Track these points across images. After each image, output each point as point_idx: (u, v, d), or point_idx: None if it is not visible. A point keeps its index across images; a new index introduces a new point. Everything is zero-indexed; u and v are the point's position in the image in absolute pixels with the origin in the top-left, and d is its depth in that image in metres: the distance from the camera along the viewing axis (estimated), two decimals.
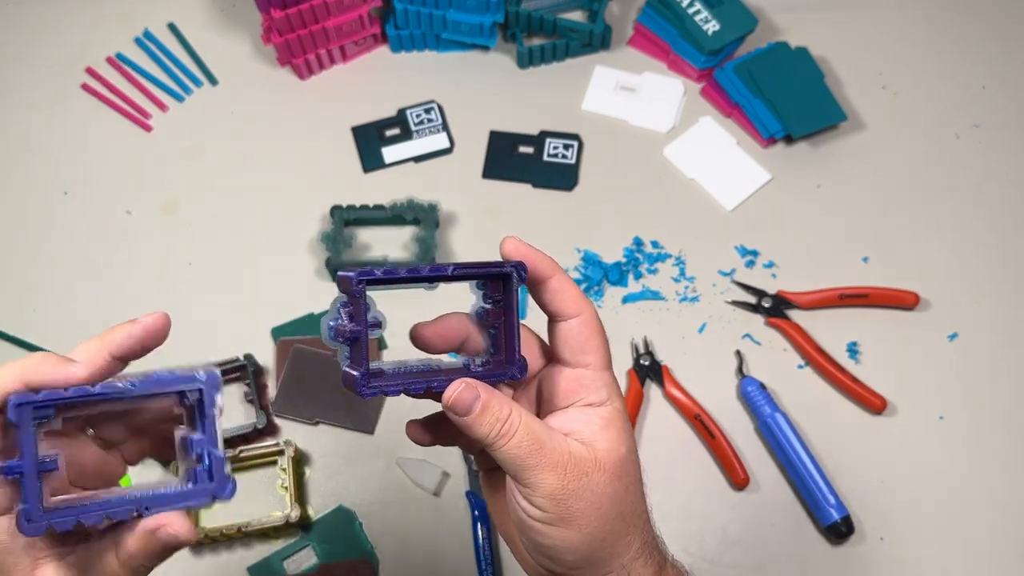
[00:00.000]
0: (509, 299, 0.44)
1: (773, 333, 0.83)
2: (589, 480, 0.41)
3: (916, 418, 0.79)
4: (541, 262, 0.45)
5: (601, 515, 0.42)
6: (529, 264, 0.44)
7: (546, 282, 0.45)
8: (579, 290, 0.45)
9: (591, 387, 0.44)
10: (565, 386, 0.44)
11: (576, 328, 0.44)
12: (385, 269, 0.41)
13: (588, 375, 0.44)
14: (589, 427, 0.43)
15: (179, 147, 0.94)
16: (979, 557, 0.74)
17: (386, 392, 0.42)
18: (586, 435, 0.43)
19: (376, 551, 0.75)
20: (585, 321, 0.44)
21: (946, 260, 0.86)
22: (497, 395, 0.42)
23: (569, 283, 0.45)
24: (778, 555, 0.74)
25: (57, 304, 0.86)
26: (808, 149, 0.92)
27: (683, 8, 0.93)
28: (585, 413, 0.44)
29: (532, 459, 0.41)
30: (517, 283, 0.44)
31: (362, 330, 0.41)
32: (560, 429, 0.43)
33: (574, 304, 0.45)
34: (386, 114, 0.94)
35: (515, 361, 0.43)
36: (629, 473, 0.44)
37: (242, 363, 0.80)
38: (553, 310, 0.45)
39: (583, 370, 0.44)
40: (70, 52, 0.99)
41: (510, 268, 0.43)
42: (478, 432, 0.41)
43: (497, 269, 0.44)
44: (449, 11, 0.92)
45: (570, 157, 0.91)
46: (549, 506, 0.41)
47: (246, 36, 0.99)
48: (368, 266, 0.40)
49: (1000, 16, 0.99)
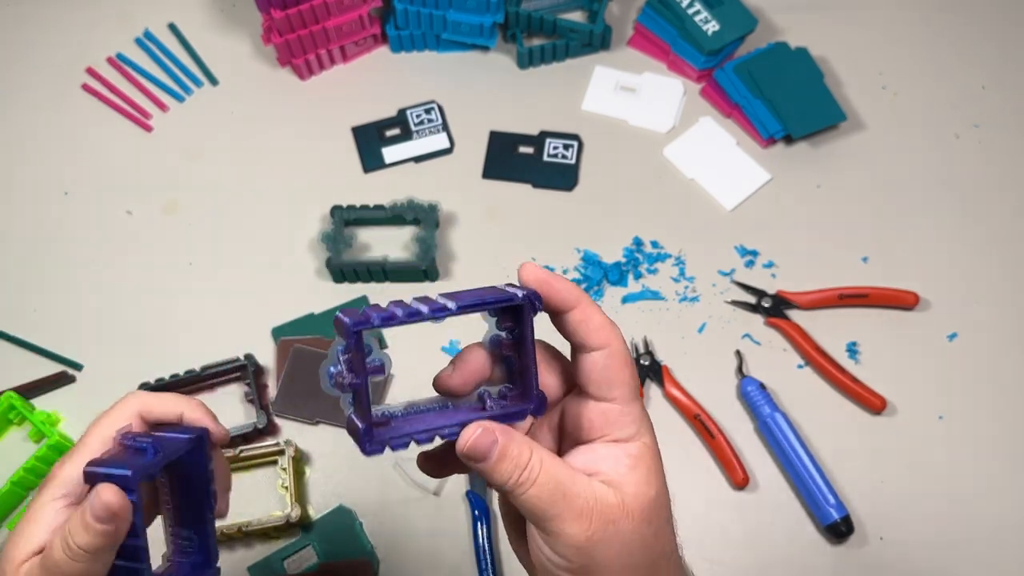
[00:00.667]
0: (524, 330, 0.41)
1: (773, 333, 0.83)
2: (616, 528, 0.39)
3: (916, 418, 0.79)
4: (562, 291, 0.41)
5: (630, 564, 0.39)
6: (548, 293, 0.41)
7: (569, 312, 0.41)
8: (605, 318, 0.41)
9: (619, 422, 0.41)
10: (591, 420, 0.41)
11: (602, 361, 0.41)
12: (383, 314, 0.38)
13: (615, 409, 0.41)
14: (616, 466, 0.40)
15: (179, 147, 0.94)
16: (979, 556, 0.74)
17: (393, 446, 0.39)
18: (613, 475, 0.40)
19: (376, 551, 0.75)
20: (612, 353, 0.41)
21: (946, 260, 0.86)
22: (516, 438, 0.39)
23: (594, 311, 0.41)
24: (778, 555, 0.74)
25: (58, 304, 0.86)
26: (808, 149, 0.92)
27: (683, 8, 0.93)
28: (612, 450, 0.41)
29: (555, 508, 0.38)
30: (531, 314, 0.40)
31: (362, 382, 0.38)
32: (585, 468, 0.40)
33: (599, 335, 0.41)
34: (386, 114, 0.94)
35: (532, 398, 0.41)
36: (659, 515, 0.41)
37: (242, 363, 0.80)
38: (577, 341, 0.41)
39: (610, 404, 0.41)
40: (70, 52, 0.99)
41: (523, 298, 0.40)
42: (496, 479, 0.39)
43: (508, 301, 0.40)
44: (449, 11, 0.92)
45: (570, 157, 0.91)
46: (574, 555, 0.38)
47: (246, 36, 1.00)
48: (366, 307, 0.37)
49: (1000, 17, 0.99)
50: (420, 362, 0.82)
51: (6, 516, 0.77)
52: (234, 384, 0.82)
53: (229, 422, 0.80)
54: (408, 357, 0.83)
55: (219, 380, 0.82)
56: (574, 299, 0.41)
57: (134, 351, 0.83)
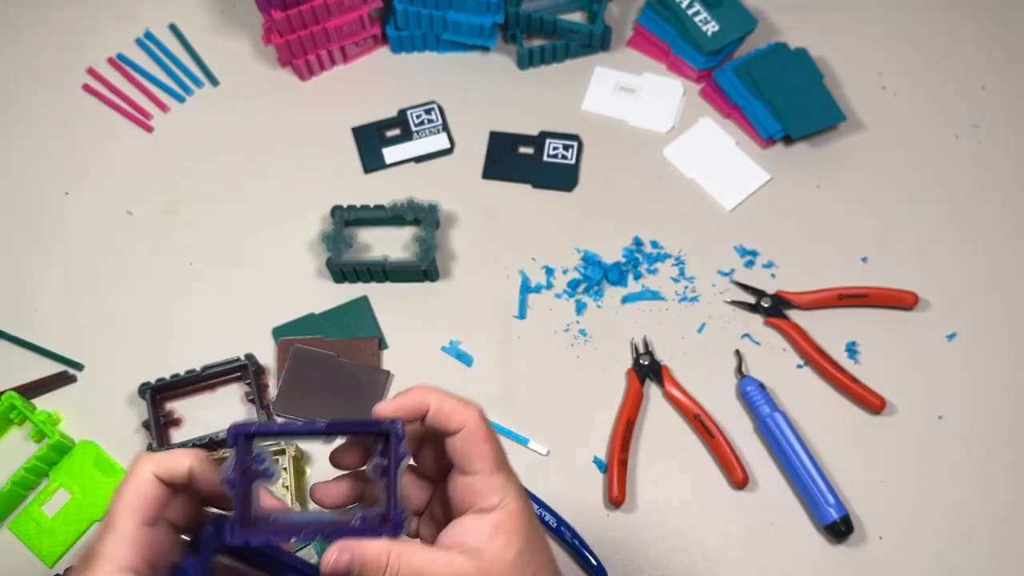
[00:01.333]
0: (389, 455, 0.46)
1: (772, 333, 0.83)
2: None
3: (915, 418, 0.79)
4: (410, 404, 0.46)
5: None
6: (403, 412, 0.46)
7: (426, 414, 0.47)
8: (457, 403, 0.47)
9: (482, 492, 0.46)
10: (460, 493, 0.47)
11: (460, 441, 0.46)
12: (260, 424, 0.45)
13: (478, 481, 0.46)
14: (477, 535, 0.45)
15: (180, 147, 0.94)
16: (978, 556, 0.74)
17: (248, 541, 0.44)
18: (474, 544, 0.45)
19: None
20: (469, 432, 0.46)
21: (945, 260, 0.86)
22: (371, 547, 0.44)
23: (446, 400, 0.47)
24: (777, 554, 0.74)
25: (58, 304, 0.86)
26: (807, 149, 0.92)
27: (683, 9, 0.94)
28: (476, 520, 0.46)
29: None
30: (396, 441, 0.45)
31: (240, 484, 0.44)
32: (452, 541, 0.45)
33: (454, 420, 0.46)
34: (386, 115, 0.94)
35: (390, 519, 0.45)
36: (523, 573, 0.46)
37: (243, 363, 0.80)
38: (440, 431, 0.47)
39: (474, 476, 0.46)
40: (71, 53, 0.99)
41: (386, 427, 0.45)
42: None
43: (372, 428, 0.46)
44: (449, 12, 0.92)
45: (570, 157, 0.91)
46: None
47: (247, 37, 1.00)
48: (257, 421, 0.48)
49: (999, 17, 0.99)
50: (420, 361, 0.83)
51: (7, 516, 0.78)
52: (235, 384, 0.82)
53: (229, 422, 0.80)
54: (408, 357, 0.83)
55: (219, 380, 0.82)
56: (425, 404, 0.46)
57: (135, 351, 0.84)
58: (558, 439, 0.79)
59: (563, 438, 0.79)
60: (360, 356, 0.82)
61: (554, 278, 0.86)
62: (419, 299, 0.86)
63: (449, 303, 0.85)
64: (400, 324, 0.84)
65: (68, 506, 0.77)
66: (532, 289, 0.85)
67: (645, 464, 0.78)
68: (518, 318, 0.84)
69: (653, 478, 0.78)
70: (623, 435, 0.77)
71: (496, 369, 0.82)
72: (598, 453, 0.79)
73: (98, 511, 0.77)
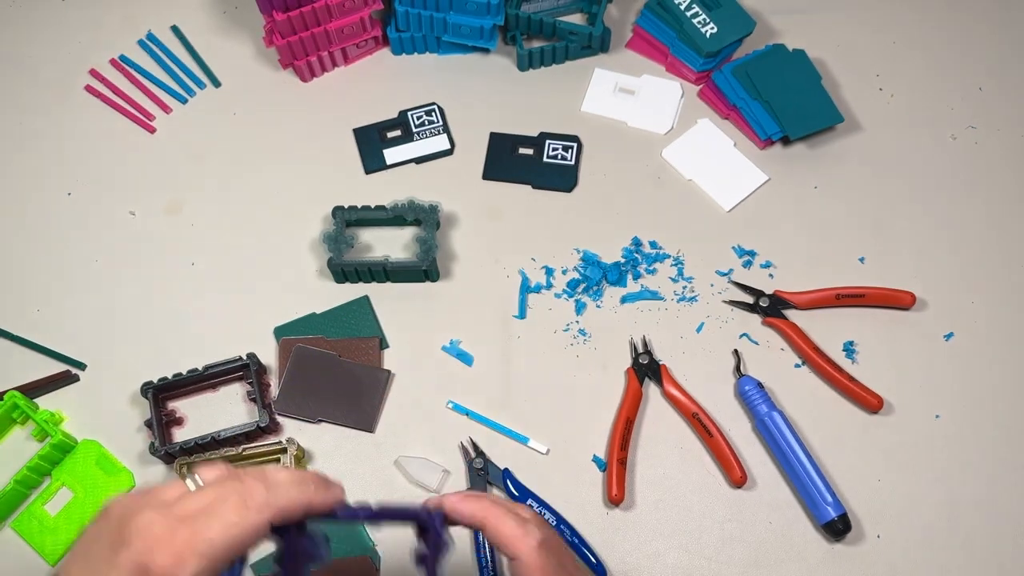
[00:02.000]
0: (430, 544, 0.48)
1: (770, 333, 0.84)
2: None
3: (913, 417, 0.80)
4: (466, 514, 0.48)
5: None
6: (457, 518, 0.48)
7: (482, 530, 0.49)
8: (513, 529, 0.49)
9: None
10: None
11: (515, 569, 0.49)
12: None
13: None
14: None
15: (182, 148, 0.94)
16: (975, 555, 0.74)
17: None
18: None
19: (377, 548, 0.76)
20: (521, 564, 0.49)
21: (942, 260, 0.86)
22: None
23: (503, 521, 0.49)
24: (775, 553, 0.75)
25: (61, 304, 0.87)
26: (805, 150, 0.92)
27: (681, 11, 0.94)
28: None
29: None
30: (435, 536, 0.47)
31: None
32: None
33: (509, 548, 0.49)
34: (387, 116, 0.95)
35: None
36: None
37: (245, 362, 0.80)
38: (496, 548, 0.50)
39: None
40: (74, 54, 0.99)
41: (423, 518, 0.47)
42: None
43: (412, 516, 0.47)
44: (450, 14, 0.93)
45: (569, 158, 0.92)
46: None
47: (248, 38, 1.00)
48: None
49: (996, 18, 0.99)
50: (421, 361, 0.83)
51: (9, 515, 0.78)
52: (237, 383, 0.83)
53: (231, 421, 0.81)
54: (409, 356, 0.84)
55: (222, 379, 0.82)
56: (480, 520, 0.48)
57: (137, 350, 0.84)
58: (558, 438, 0.80)
59: (563, 437, 0.80)
60: (361, 356, 0.82)
61: (554, 278, 0.86)
62: (420, 299, 0.86)
63: (449, 303, 0.86)
64: (401, 324, 0.85)
65: (70, 505, 0.78)
66: (532, 289, 0.86)
67: (644, 463, 0.79)
68: (518, 318, 0.85)
69: (652, 477, 0.78)
70: (622, 434, 0.78)
71: (496, 369, 0.82)
72: (597, 452, 0.79)
73: None
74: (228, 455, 0.77)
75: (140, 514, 0.42)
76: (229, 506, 0.43)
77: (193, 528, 0.42)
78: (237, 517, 0.42)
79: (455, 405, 0.81)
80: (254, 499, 0.43)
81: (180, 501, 0.43)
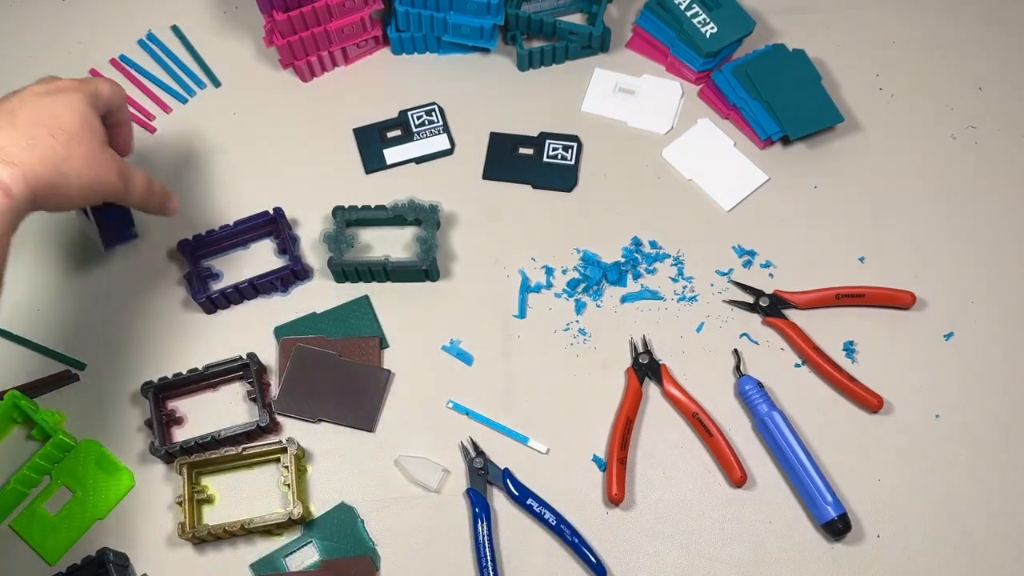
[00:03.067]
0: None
1: (770, 332, 0.84)
2: None
3: (913, 417, 0.80)
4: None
5: None
6: None
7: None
8: None
9: None
10: None
11: None
12: None
13: None
14: None
15: (182, 148, 0.94)
16: (975, 555, 0.74)
17: None
18: None
19: (377, 548, 0.76)
20: None
21: (942, 260, 0.86)
22: None
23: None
24: (775, 552, 0.75)
25: (61, 303, 0.87)
26: (805, 150, 0.93)
27: (681, 11, 0.94)
28: None
29: None
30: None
31: None
32: None
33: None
34: (387, 116, 0.95)
35: None
36: None
37: (245, 362, 0.80)
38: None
39: None
40: (74, 54, 1.00)
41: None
42: None
43: None
44: (450, 14, 0.93)
45: (569, 158, 0.92)
46: None
47: (249, 38, 1.00)
48: None
49: (996, 18, 0.99)
50: (421, 360, 0.83)
51: (9, 514, 0.78)
52: (237, 383, 0.83)
53: (231, 420, 0.81)
54: (409, 356, 0.84)
55: (222, 379, 0.82)
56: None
57: (137, 350, 0.84)
58: (558, 438, 0.80)
59: (563, 437, 0.80)
60: (361, 355, 0.82)
61: (554, 278, 0.86)
62: (420, 299, 0.86)
63: (449, 303, 0.86)
64: (401, 323, 0.85)
65: (70, 505, 0.78)
66: (532, 289, 0.86)
67: (644, 462, 0.79)
68: (518, 318, 0.85)
69: (652, 476, 0.78)
70: (622, 434, 0.78)
71: (496, 368, 0.82)
72: (597, 451, 0.79)
73: (100, 510, 0.78)
74: (228, 455, 0.77)
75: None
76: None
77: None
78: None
79: (455, 405, 0.81)
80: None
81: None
